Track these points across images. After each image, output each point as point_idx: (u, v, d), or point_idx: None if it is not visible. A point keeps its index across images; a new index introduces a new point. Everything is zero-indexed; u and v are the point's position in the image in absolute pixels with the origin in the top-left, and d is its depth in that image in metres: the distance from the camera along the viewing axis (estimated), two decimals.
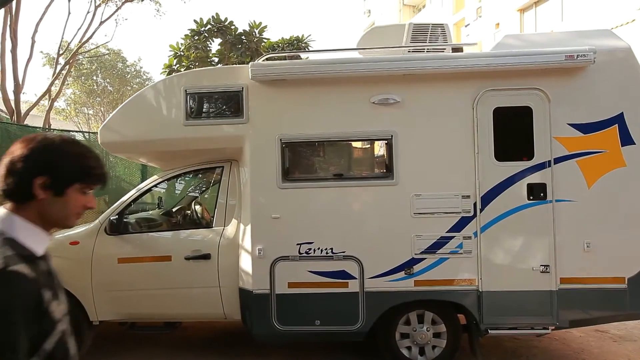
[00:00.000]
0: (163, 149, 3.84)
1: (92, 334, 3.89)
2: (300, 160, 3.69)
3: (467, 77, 3.46)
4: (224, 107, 3.71)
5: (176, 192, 5.67)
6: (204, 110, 3.73)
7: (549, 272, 3.37)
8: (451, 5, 23.20)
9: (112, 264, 3.77)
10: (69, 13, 11.60)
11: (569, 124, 3.41)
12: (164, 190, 5.42)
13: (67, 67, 10.58)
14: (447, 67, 3.42)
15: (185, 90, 3.67)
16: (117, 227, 3.81)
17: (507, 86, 3.44)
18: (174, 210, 4.57)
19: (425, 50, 3.90)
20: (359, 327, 3.46)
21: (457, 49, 3.95)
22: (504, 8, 16.63)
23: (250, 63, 3.59)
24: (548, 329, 3.41)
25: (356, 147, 3.75)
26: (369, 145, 3.75)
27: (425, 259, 3.44)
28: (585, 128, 3.41)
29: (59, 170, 1.03)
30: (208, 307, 3.74)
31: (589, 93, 3.42)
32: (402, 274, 3.44)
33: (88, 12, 9.98)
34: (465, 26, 21.27)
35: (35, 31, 9.13)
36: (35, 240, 1.02)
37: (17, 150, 1.02)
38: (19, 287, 0.91)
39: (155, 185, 4.11)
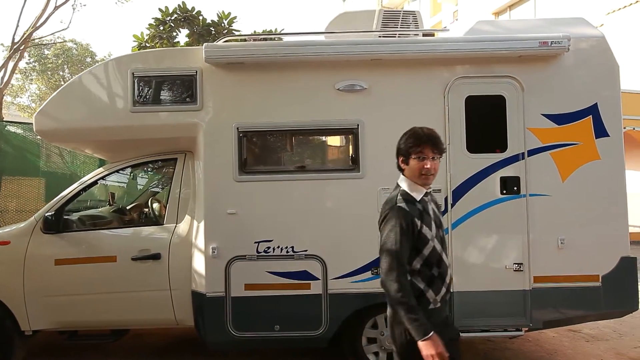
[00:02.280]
0: (107, 137, 3.48)
1: (24, 345, 3.48)
2: (259, 151, 3.41)
3: (438, 64, 3.28)
4: (176, 92, 3.39)
5: (138, 186, 5.27)
6: (153, 95, 3.39)
7: (522, 270, 3.21)
8: (428, 8, 23.45)
9: (48, 265, 3.38)
10: (24, 0, 10.72)
11: (542, 115, 3.27)
12: (117, 185, 5.00)
13: (18, 54, 9.87)
14: (416, 52, 3.23)
15: (133, 74, 3.35)
16: (54, 225, 3.40)
17: (480, 74, 3.29)
18: (123, 207, 4.18)
19: (397, 35, 3.69)
20: (322, 332, 3.21)
21: (428, 35, 3.75)
22: (480, 11, 16.89)
23: (204, 44, 3.28)
24: (521, 330, 3.26)
25: (319, 137, 3.50)
26: (333, 136, 3.50)
27: None
28: (559, 119, 3.28)
29: (401, 151, 1.91)
30: (158, 313, 3.41)
31: (563, 82, 3.29)
32: (368, 274, 3.21)
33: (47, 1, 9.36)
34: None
35: None
36: (413, 190, 1.89)
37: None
38: (401, 213, 1.82)
39: (102, 178, 3.73)
